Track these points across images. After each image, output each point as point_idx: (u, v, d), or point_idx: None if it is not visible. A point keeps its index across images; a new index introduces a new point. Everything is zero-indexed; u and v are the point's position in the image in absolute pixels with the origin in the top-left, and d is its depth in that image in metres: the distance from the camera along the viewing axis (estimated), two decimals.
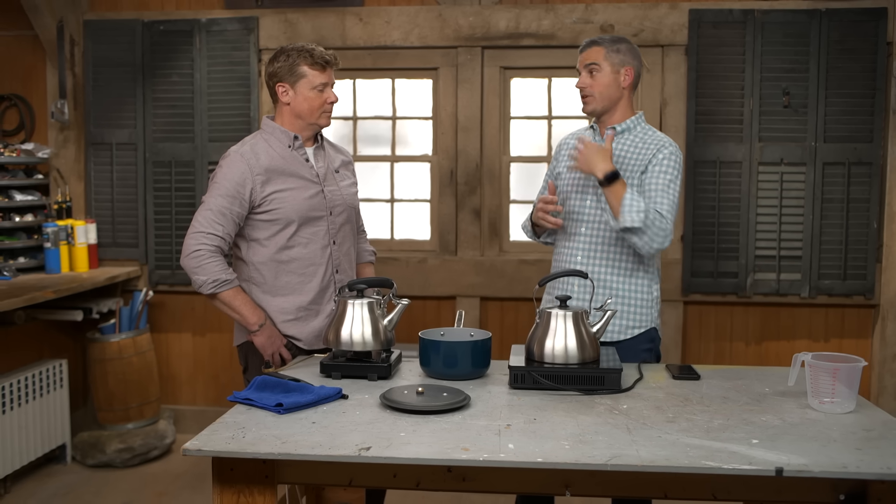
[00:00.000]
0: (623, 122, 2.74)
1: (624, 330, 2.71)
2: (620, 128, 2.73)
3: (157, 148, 4.57)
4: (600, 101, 2.69)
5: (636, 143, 2.71)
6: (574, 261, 2.73)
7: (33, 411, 4.00)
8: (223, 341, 4.67)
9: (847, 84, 4.14)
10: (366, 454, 1.74)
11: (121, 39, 4.55)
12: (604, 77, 2.67)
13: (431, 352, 2.36)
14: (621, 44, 2.70)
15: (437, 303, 4.52)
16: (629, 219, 2.52)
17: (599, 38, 2.71)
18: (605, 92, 2.68)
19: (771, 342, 4.36)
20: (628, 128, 2.74)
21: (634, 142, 2.72)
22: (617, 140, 2.73)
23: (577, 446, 1.78)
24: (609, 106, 2.71)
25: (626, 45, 2.70)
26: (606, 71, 2.67)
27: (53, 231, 4.39)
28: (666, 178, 2.63)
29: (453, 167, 4.47)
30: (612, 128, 2.73)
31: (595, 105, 2.70)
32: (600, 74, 2.67)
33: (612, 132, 2.69)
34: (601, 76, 2.67)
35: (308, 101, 2.72)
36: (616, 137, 2.73)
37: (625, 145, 2.72)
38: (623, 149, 2.72)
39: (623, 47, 2.69)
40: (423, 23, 4.39)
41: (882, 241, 4.19)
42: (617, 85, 2.69)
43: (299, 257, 2.73)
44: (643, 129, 2.76)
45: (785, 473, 1.66)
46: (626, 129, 2.74)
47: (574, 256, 2.73)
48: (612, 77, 2.68)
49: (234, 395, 2.13)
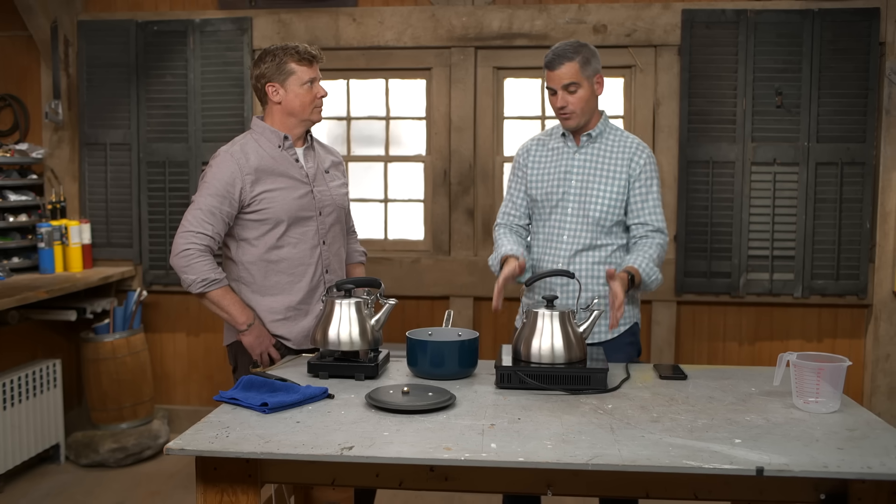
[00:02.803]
0: (595, 126, 2.77)
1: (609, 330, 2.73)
2: (594, 133, 2.76)
3: (151, 148, 4.58)
4: (582, 116, 2.71)
5: (611, 147, 2.76)
6: (558, 266, 2.75)
7: (27, 411, 4.01)
8: (217, 341, 4.67)
9: (840, 84, 4.15)
10: (348, 454, 1.75)
11: (115, 40, 4.56)
12: (583, 92, 2.67)
13: (418, 351, 2.36)
14: (587, 52, 2.68)
15: (430, 303, 4.52)
16: (656, 285, 2.69)
17: (566, 52, 2.65)
18: (586, 107, 2.70)
19: (764, 342, 4.36)
20: (600, 132, 2.78)
21: (609, 146, 2.77)
22: (592, 146, 2.77)
23: (560, 446, 1.78)
24: (589, 118, 2.74)
25: (590, 51, 2.69)
26: (585, 86, 2.67)
27: (47, 231, 4.40)
28: (654, 188, 2.73)
29: (447, 167, 4.47)
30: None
31: (578, 121, 2.72)
32: (580, 91, 2.67)
33: (619, 311, 2.49)
34: (581, 92, 2.67)
35: (299, 98, 2.73)
36: (590, 143, 2.77)
37: (601, 149, 2.76)
38: (600, 154, 2.76)
39: (590, 56, 2.68)
40: (416, 23, 4.39)
41: (875, 241, 4.20)
42: (594, 96, 2.72)
43: (289, 257, 2.73)
44: (611, 131, 2.80)
45: (766, 473, 1.66)
46: (599, 134, 2.77)
47: (556, 263, 2.75)
48: (590, 91, 2.69)
49: (220, 395, 2.13)
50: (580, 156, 2.76)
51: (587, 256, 2.74)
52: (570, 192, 2.73)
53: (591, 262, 2.74)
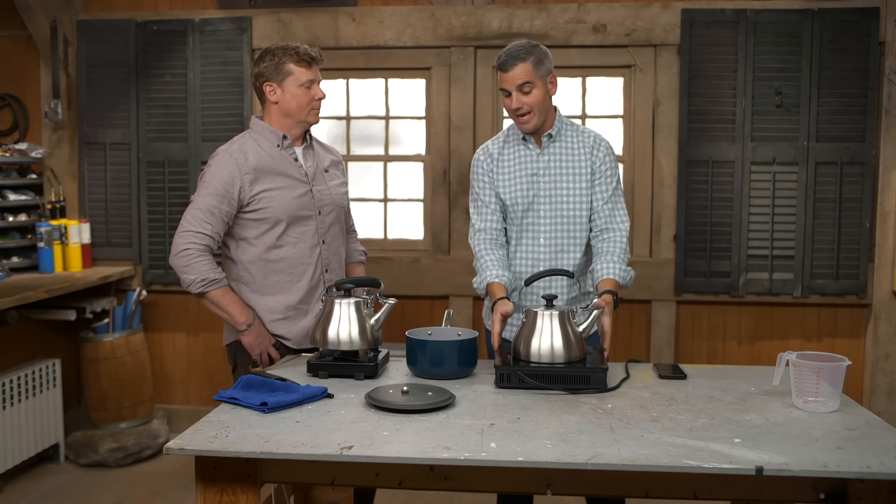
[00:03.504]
0: (553, 126, 2.76)
1: None
2: (554, 132, 2.76)
3: (151, 148, 4.58)
4: (539, 116, 2.70)
5: (572, 144, 2.77)
6: (538, 267, 2.73)
7: (26, 411, 4.01)
8: (217, 341, 4.67)
9: (839, 84, 4.15)
10: (347, 453, 1.75)
11: (114, 39, 4.56)
12: (538, 92, 2.67)
13: (418, 351, 2.36)
14: (539, 53, 2.67)
15: (430, 302, 4.52)
16: (631, 280, 2.70)
17: (519, 53, 2.65)
18: (541, 106, 2.69)
19: (763, 342, 4.36)
20: (559, 130, 2.77)
21: (570, 143, 2.77)
22: (553, 145, 2.76)
23: (559, 445, 1.78)
24: (545, 118, 2.74)
25: (542, 51, 2.69)
26: (539, 86, 2.67)
27: (47, 231, 4.39)
28: (614, 182, 2.76)
29: (446, 167, 4.47)
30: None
31: (536, 121, 2.70)
32: (535, 91, 2.66)
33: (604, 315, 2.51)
34: (536, 92, 2.66)
35: (296, 99, 2.73)
36: (551, 143, 2.76)
37: (563, 147, 2.76)
38: (563, 153, 2.76)
39: (542, 56, 2.68)
40: (415, 23, 4.39)
41: (874, 241, 4.20)
42: (549, 96, 2.72)
43: (288, 257, 2.73)
44: (568, 127, 2.80)
45: (765, 472, 1.66)
46: (558, 132, 2.77)
47: (537, 264, 2.74)
48: (544, 90, 2.69)
49: (220, 395, 2.13)
50: (545, 157, 2.75)
51: (569, 257, 2.74)
52: (541, 194, 2.73)
53: (574, 263, 2.74)
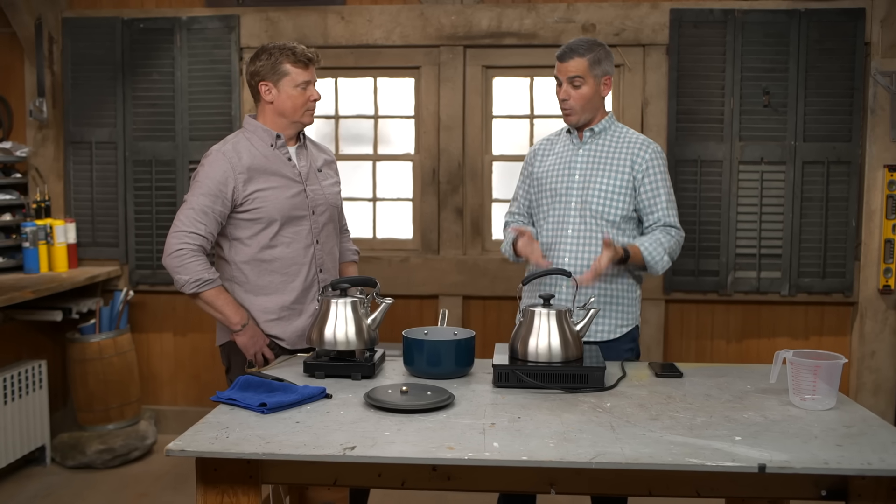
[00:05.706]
0: (598, 123, 2.79)
1: (613, 329, 2.74)
2: (597, 129, 2.78)
3: (138, 147, 4.54)
4: (583, 114, 2.73)
5: (615, 142, 2.78)
6: (562, 262, 2.74)
7: (12, 412, 3.96)
8: (204, 341, 4.64)
9: (826, 84, 4.18)
10: (350, 454, 1.74)
11: (100, 37, 4.51)
12: (587, 90, 2.70)
13: (415, 351, 2.36)
14: (600, 52, 2.70)
15: (419, 302, 4.51)
16: (661, 267, 2.68)
17: (579, 48, 2.69)
18: (588, 105, 2.72)
19: (751, 340, 4.40)
20: (604, 128, 2.79)
21: (613, 140, 2.78)
22: (595, 141, 2.78)
23: (562, 444, 1.79)
24: (591, 116, 2.75)
25: (604, 51, 2.72)
26: (590, 83, 2.69)
27: (32, 230, 4.34)
28: (666, 184, 2.74)
29: (435, 166, 4.47)
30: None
31: (579, 117, 2.74)
32: (585, 87, 2.69)
33: (611, 251, 2.58)
34: (585, 89, 2.69)
35: (291, 100, 2.71)
36: (593, 138, 2.78)
37: (604, 145, 2.78)
38: (603, 148, 2.77)
39: (602, 57, 2.71)
40: (405, 21, 4.38)
41: (860, 240, 4.24)
42: (599, 96, 2.74)
43: (282, 256, 2.71)
44: (617, 128, 2.82)
45: (768, 470, 1.67)
46: (603, 130, 2.79)
47: (562, 258, 2.74)
48: (595, 89, 2.71)
49: (218, 396, 2.12)
50: (583, 151, 2.78)
51: (594, 251, 2.71)
52: (574, 186, 2.74)
53: (595, 257, 2.70)
